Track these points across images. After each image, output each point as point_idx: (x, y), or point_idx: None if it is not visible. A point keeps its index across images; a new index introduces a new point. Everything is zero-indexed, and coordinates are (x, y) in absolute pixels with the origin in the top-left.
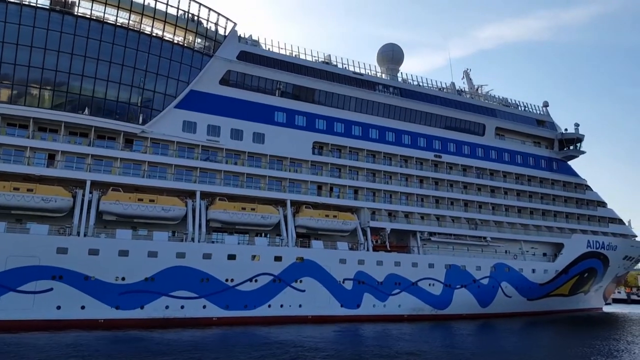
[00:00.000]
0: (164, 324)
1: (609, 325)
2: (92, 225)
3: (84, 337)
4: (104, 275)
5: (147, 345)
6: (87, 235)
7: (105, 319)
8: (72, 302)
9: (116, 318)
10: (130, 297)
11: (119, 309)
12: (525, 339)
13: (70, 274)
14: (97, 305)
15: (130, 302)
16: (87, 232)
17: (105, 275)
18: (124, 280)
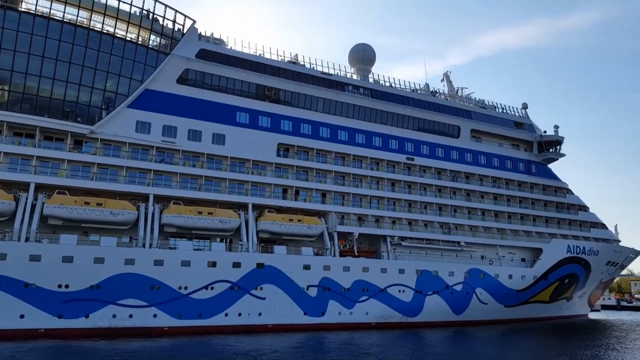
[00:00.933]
0: (111, 334)
1: (590, 332)
2: (34, 230)
3: (23, 348)
4: (45, 283)
5: (91, 357)
6: (30, 240)
7: (46, 329)
8: (10, 310)
9: (58, 328)
10: (74, 305)
11: (61, 318)
12: (499, 348)
13: (8, 281)
14: (38, 314)
15: (74, 310)
16: (30, 237)
17: (47, 282)
18: (67, 288)
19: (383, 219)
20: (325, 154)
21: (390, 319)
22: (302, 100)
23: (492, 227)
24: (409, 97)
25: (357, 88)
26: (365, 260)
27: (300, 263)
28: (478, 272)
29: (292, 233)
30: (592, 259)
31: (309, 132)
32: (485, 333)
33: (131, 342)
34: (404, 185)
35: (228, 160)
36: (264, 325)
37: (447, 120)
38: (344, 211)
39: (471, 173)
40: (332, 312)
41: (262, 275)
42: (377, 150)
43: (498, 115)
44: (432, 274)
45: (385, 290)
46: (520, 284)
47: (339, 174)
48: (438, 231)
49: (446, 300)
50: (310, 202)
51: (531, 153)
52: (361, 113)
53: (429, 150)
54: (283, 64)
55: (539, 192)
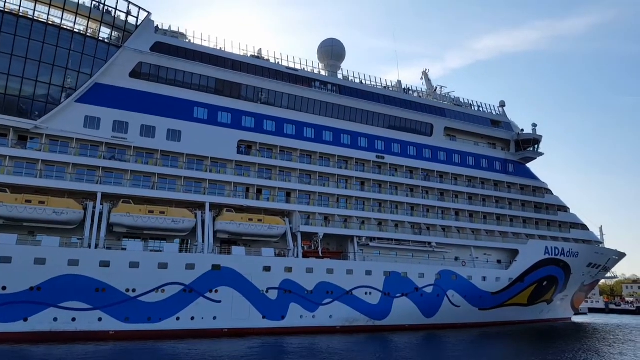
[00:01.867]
0: (51, 338)
1: (568, 336)
2: None
3: None
4: None
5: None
6: None
7: None
8: None
9: None
10: (11, 308)
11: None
12: (468, 353)
13: None
14: None
15: (12, 313)
16: None
17: None
18: (4, 290)
19: (351, 219)
20: (290, 152)
21: (356, 322)
22: (265, 96)
23: (466, 228)
24: (379, 94)
25: (325, 84)
26: (330, 261)
27: (260, 265)
28: (450, 273)
29: (252, 233)
30: (572, 261)
31: (272, 129)
32: (457, 337)
33: (73, 347)
34: (374, 185)
35: (184, 157)
36: (219, 329)
37: (419, 118)
38: (309, 211)
39: (445, 172)
40: (293, 316)
41: (218, 277)
42: (345, 148)
43: (473, 113)
44: (401, 276)
45: (351, 293)
46: (494, 286)
47: (305, 172)
48: (409, 232)
49: (416, 303)
50: (273, 201)
51: (508, 152)
52: (329, 110)
53: (400, 148)
54: (245, 58)
55: (517, 192)
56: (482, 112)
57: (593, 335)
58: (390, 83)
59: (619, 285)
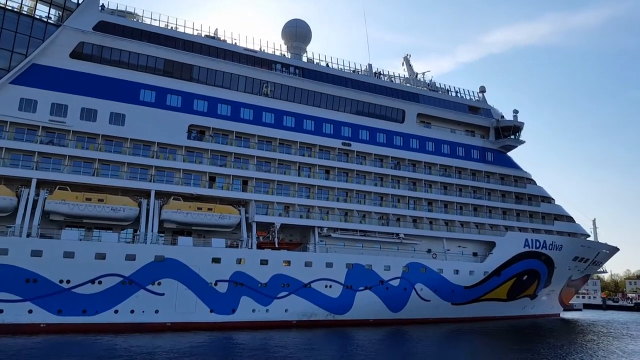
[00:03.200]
0: None
1: (547, 333)
2: None
3: None
4: None
5: None
6: None
7: None
8: None
9: None
10: None
11: None
12: (428, 350)
13: None
14: None
15: None
16: None
17: None
18: None
19: (313, 208)
20: (247, 138)
21: (314, 316)
22: (219, 79)
23: (439, 219)
24: (347, 77)
25: (287, 67)
26: (286, 253)
27: (209, 256)
28: (418, 266)
29: (202, 223)
30: (555, 254)
31: (227, 113)
32: (424, 333)
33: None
34: (340, 173)
35: (129, 142)
36: (162, 323)
37: (390, 104)
38: (267, 200)
39: (417, 160)
40: (244, 310)
41: (161, 268)
42: (308, 134)
43: (450, 99)
44: (365, 268)
45: (310, 286)
46: (468, 280)
47: (264, 159)
48: (376, 222)
49: (380, 296)
50: (228, 190)
51: (487, 140)
52: (290, 94)
53: (368, 135)
54: (198, 38)
55: (496, 181)
56: (459, 98)
57: (573, 332)
58: (360, 67)
59: (623, 281)
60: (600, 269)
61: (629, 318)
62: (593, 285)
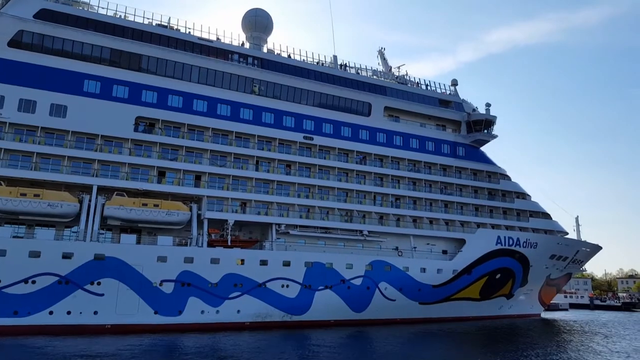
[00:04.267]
0: None
1: (520, 334)
2: None
3: None
4: None
5: None
6: None
7: None
8: None
9: None
10: None
11: None
12: (389, 352)
13: None
14: None
15: None
16: None
17: None
18: None
19: (272, 205)
20: (201, 131)
21: (269, 317)
22: (170, 69)
23: (406, 215)
24: (309, 69)
25: (245, 57)
26: (239, 251)
27: (154, 254)
28: (383, 264)
29: (147, 220)
30: (530, 252)
31: (179, 104)
32: (388, 334)
33: None
34: (302, 168)
35: (70, 135)
36: (101, 325)
37: (355, 96)
38: (221, 196)
39: (384, 155)
40: (192, 311)
41: (101, 268)
42: (267, 127)
43: (419, 92)
44: (325, 267)
45: (264, 285)
46: (436, 278)
47: (219, 153)
48: (340, 219)
49: (342, 296)
50: (179, 185)
51: (458, 134)
52: (248, 85)
53: (332, 128)
54: (148, 27)
55: (468, 177)
56: (429, 91)
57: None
58: (325, 58)
59: (616, 280)
60: (581, 267)
61: (612, 318)
62: (584, 285)
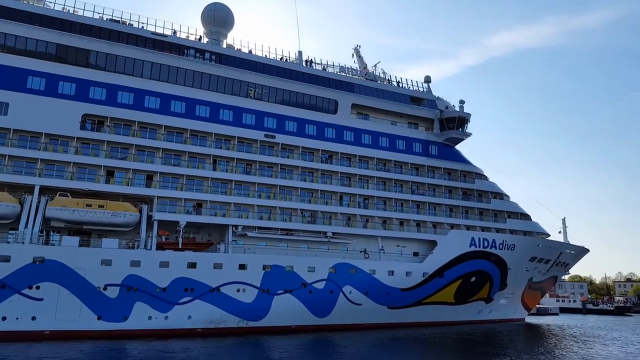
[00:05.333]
0: None
1: (494, 339)
2: None
3: None
4: None
5: None
6: None
7: None
8: None
9: None
10: None
11: None
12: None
13: None
14: None
15: None
16: None
17: None
18: None
19: (230, 206)
20: (154, 129)
21: (223, 323)
22: (121, 64)
23: (374, 216)
24: (270, 64)
25: (202, 52)
26: (191, 254)
27: (98, 257)
28: (348, 267)
29: (92, 222)
30: (507, 254)
31: (129, 101)
32: (351, 340)
33: None
34: (263, 167)
35: (11, 133)
36: (40, 331)
37: (320, 93)
38: (173, 196)
39: (352, 154)
40: (139, 316)
41: (40, 271)
42: (226, 125)
43: (389, 88)
44: (285, 270)
45: (218, 290)
46: (405, 281)
47: (173, 152)
48: (302, 220)
49: (303, 300)
50: (128, 185)
51: (431, 132)
52: (205, 81)
53: (296, 126)
54: (97, 22)
55: (441, 176)
56: (400, 88)
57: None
58: (289, 54)
59: (613, 284)
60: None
61: (601, 322)
62: (579, 289)
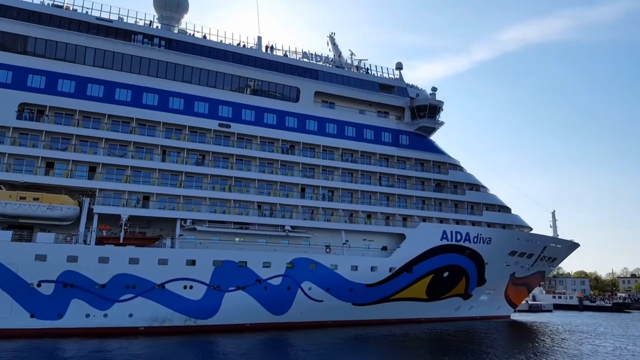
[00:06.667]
0: None
1: (466, 338)
2: None
3: None
4: None
5: None
6: None
7: None
8: None
9: None
10: None
11: None
12: None
13: None
14: None
15: None
16: None
17: None
18: None
19: (179, 198)
20: (98, 118)
21: (168, 322)
22: (61, 51)
23: (339, 209)
24: (226, 50)
25: (151, 38)
26: (133, 249)
27: (31, 253)
28: (307, 262)
29: (26, 215)
30: (483, 248)
31: (70, 89)
32: (309, 338)
33: None
34: (217, 158)
35: None
36: None
37: (280, 80)
38: (117, 189)
39: (315, 144)
40: (75, 314)
41: None
42: (176, 114)
43: (356, 76)
44: (238, 266)
45: (164, 287)
46: (370, 277)
47: (118, 142)
48: (259, 214)
49: (257, 297)
50: (68, 177)
51: (402, 122)
52: (152, 68)
53: (254, 115)
54: (36, 7)
55: (412, 167)
56: (368, 75)
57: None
58: (247, 39)
59: (617, 280)
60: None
61: (593, 320)
62: (581, 285)
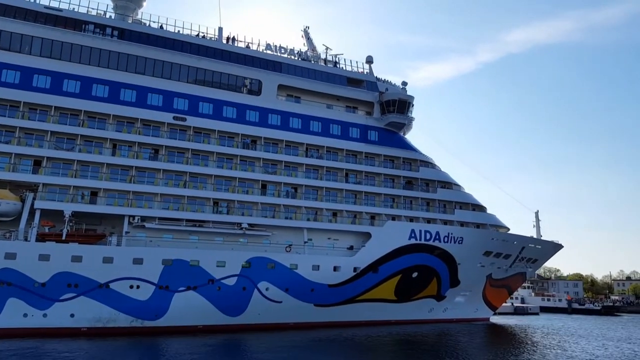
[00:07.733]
0: None
1: (434, 342)
2: None
3: None
4: None
5: None
6: None
7: None
8: None
9: None
10: None
11: None
12: None
13: None
14: None
15: None
16: None
17: None
18: None
19: (129, 194)
20: (44, 110)
21: (112, 322)
22: (5, 41)
23: (302, 207)
24: (183, 41)
25: (103, 28)
26: (76, 246)
27: None
28: (264, 261)
29: None
30: (454, 248)
31: (15, 80)
32: (268, 340)
33: None
34: (172, 153)
35: None
36: None
37: (242, 73)
38: (62, 183)
39: (278, 139)
40: (12, 314)
41: None
42: (127, 106)
43: (323, 69)
44: (189, 265)
45: (107, 286)
46: (332, 277)
47: (65, 135)
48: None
49: (209, 298)
50: (12, 171)
51: (371, 117)
52: (103, 59)
53: (212, 108)
54: None
55: (380, 164)
56: (335, 69)
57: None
58: (206, 30)
59: (612, 282)
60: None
61: (577, 323)
62: (574, 287)
